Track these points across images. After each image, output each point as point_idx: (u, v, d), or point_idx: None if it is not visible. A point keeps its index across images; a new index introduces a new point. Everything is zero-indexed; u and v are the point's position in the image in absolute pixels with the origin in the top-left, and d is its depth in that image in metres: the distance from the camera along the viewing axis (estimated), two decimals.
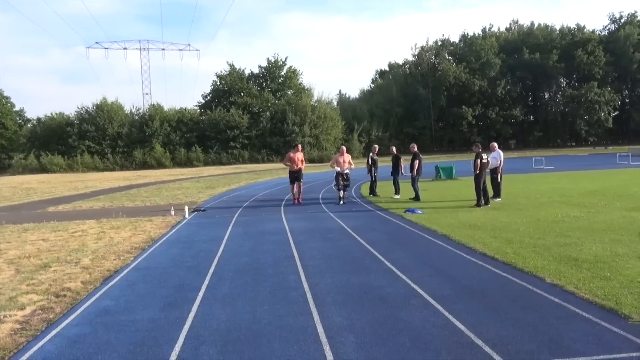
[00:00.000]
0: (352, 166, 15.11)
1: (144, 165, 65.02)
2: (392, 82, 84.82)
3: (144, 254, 8.30)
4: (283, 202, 16.14)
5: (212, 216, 13.16)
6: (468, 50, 79.19)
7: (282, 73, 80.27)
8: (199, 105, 78.95)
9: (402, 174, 16.30)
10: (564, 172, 25.60)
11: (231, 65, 78.63)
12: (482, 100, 77.09)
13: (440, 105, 78.82)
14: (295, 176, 15.23)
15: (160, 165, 65.20)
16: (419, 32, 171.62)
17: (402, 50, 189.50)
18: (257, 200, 17.32)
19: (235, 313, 4.95)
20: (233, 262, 7.32)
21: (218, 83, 78.37)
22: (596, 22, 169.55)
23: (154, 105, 75.32)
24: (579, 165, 32.38)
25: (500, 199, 13.59)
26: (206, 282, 6.22)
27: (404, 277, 6.05)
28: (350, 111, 79.01)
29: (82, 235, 10.39)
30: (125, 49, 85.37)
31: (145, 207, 16.37)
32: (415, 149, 15.42)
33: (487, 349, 3.83)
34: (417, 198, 14.55)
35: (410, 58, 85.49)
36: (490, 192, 13.94)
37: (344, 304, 5.11)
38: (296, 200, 15.23)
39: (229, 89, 76.51)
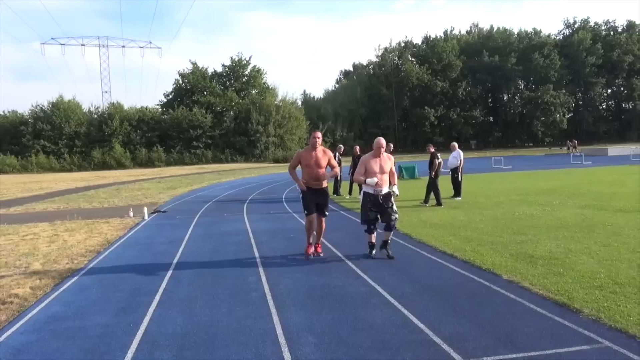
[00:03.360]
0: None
1: (103, 166, 63.13)
2: (357, 82, 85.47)
3: (99, 257, 8.02)
4: (246, 202, 15.96)
5: (172, 217, 12.87)
6: (430, 52, 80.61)
7: (246, 72, 79.52)
8: (160, 104, 77.29)
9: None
10: (521, 172, 26.37)
11: (194, 64, 77.37)
12: (444, 101, 78.64)
13: (404, 106, 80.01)
14: (314, 198, 7.14)
15: (120, 165, 63.45)
16: (382, 33, 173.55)
17: (366, 51, 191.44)
18: (220, 201, 17.07)
19: (193, 316, 4.82)
20: (192, 264, 7.15)
21: (180, 82, 76.92)
22: (552, 26, 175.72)
23: (113, 103, 73.30)
24: (535, 164, 33.43)
25: (460, 198, 13.86)
26: (163, 285, 6.05)
27: (365, 276, 6.05)
28: (315, 111, 79.09)
29: (34, 239, 9.95)
30: (83, 45, 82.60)
31: (102, 208, 15.86)
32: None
33: (444, 346, 3.85)
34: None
35: (374, 59, 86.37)
36: (451, 192, 14.22)
37: (304, 304, 5.06)
38: (312, 250, 7.36)
39: (191, 88, 75.22)
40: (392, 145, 15.81)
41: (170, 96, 77.40)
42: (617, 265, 5.98)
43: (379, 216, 6.95)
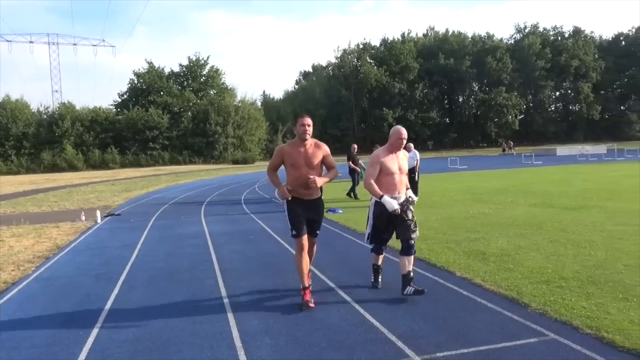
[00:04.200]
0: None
1: (54, 168, 60.72)
2: (316, 83, 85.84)
3: (47, 263, 7.70)
4: (204, 204, 15.71)
5: (126, 220, 12.52)
6: (388, 54, 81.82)
7: (204, 72, 78.38)
8: (115, 105, 75.11)
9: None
10: (476, 172, 27.15)
11: (150, 63, 75.60)
12: (402, 102, 80.00)
13: (363, 107, 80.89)
14: (305, 212, 5.13)
15: (72, 167, 61.18)
16: (341, 35, 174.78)
17: (325, 53, 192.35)
18: (177, 203, 16.74)
19: (146, 322, 4.70)
20: (147, 269, 6.98)
21: (136, 81, 74.97)
22: (504, 31, 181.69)
23: (64, 103, 70.74)
24: (489, 164, 34.48)
25: (417, 198, 14.09)
26: (116, 290, 5.87)
27: (322, 277, 6.07)
28: (275, 112, 78.90)
29: None
30: (31, 42, 79.37)
31: (52, 212, 15.25)
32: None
33: (399, 343, 3.91)
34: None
35: (334, 60, 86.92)
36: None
37: (261, 306, 5.02)
38: (309, 296, 4.97)
39: (147, 88, 73.44)
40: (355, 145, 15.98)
41: (125, 96, 75.34)
42: (563, 261, 6.24)
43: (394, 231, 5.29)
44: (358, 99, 79.81)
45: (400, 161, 5.25)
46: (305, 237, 5.10)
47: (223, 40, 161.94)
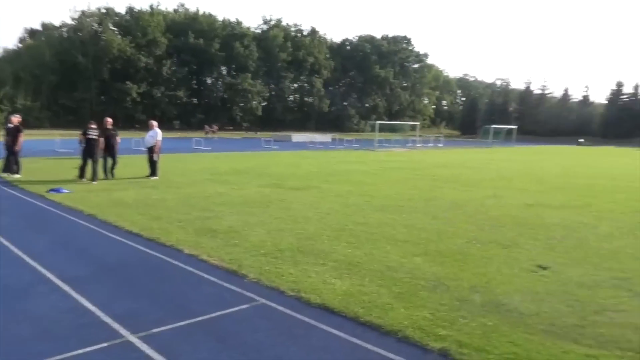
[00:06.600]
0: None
1: None
2: (45, 44, 74.11)
3: None
4: None
5: None
6: (134, 24, 76.40)
7: None
8: None
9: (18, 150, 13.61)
10: (219, 153, 27.94)
11: None
12: (148, 78, 76.05)
13: (103, 78, 73.80)
14: None
15: None
16: None
17: (59, 11, 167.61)
18: None
19: None
20: None
21: None
22: (252, 20, 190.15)
23: None
24: (232, 147, 35.87)
25: (157, 177, 13.77)
26: None
27: (34, 263, 5.42)
28: None
29: None
30: None
31: None
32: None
33: (115, 324, 3.82)
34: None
35: (69, 21, 76.64)
36: (147, 171, 14.01)
37: None
38: None
39: None
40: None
41: None
42: (282, 235, 7.02)
43: None
44: (98, 69, 72.30)
45: None
46: None
47: None
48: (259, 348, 3.57)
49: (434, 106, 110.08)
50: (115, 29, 78.02)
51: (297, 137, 50.35)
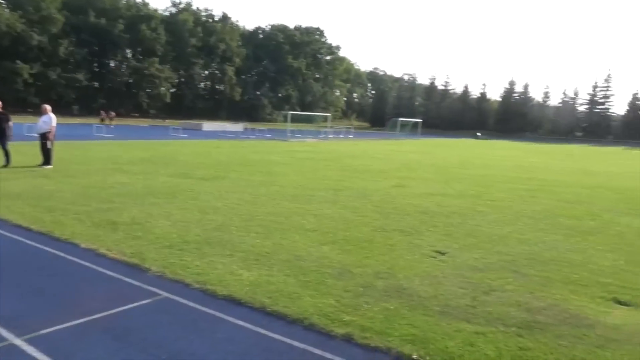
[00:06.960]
0: None
1: None
2: None
3: None
4: None
5: None
6: None
7: None
8: None
9: None
10: (123, 141, 26.42)
11: None
12: (42, 58, 69.88)
13: None
14: None
15: None
16: None
17: None
18: None
19: None
20: None
21: None
22: (160, 2, 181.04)
23: None
24: (138, 135, 34.14)
25: (51, 166, 12.73)
26: None
27: None
28: None
29: None
30: None
31: None
32: None
33: None
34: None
35: None
36: (40, 159, 12.93)
37: None
38: None
39: None
40: None
41: None
42: (189, 226, 6.81)
43: None
44: None
45: None
46: None
47: None
48: (160, 343, 3.44)
49: (345, 98, 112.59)
50: (3, 1, 70.72)
51: (208, 125, 49.11)
